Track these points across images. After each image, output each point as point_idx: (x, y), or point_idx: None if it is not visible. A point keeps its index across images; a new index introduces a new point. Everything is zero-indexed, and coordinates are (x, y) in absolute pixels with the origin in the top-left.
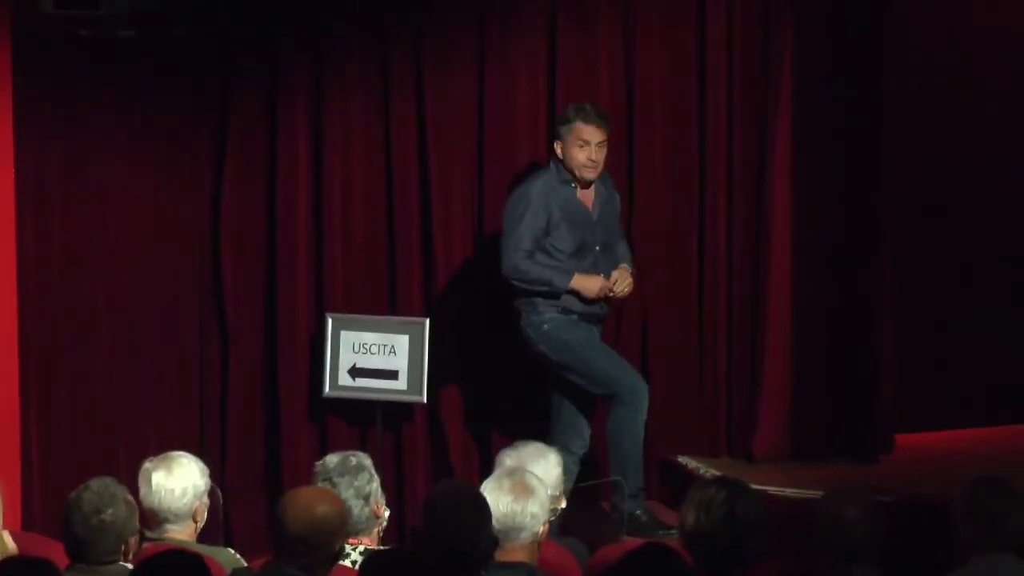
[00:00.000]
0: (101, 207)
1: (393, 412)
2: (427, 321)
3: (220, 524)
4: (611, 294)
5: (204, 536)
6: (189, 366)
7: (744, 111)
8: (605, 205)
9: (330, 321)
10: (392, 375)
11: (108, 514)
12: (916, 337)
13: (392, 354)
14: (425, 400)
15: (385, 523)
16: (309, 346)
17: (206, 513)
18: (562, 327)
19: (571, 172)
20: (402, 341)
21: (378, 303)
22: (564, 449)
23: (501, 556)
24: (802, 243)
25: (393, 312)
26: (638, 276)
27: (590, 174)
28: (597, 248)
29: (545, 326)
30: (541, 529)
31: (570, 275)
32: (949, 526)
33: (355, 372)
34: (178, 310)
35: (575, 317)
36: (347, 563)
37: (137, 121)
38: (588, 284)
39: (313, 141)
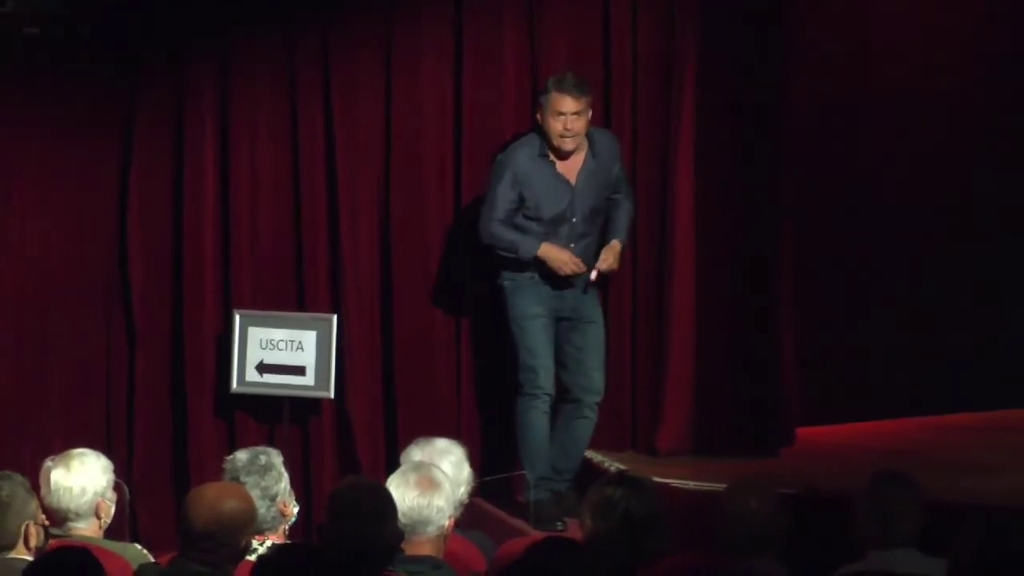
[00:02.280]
0: (7, 205)
1: (300, 408)
2: (335, 317)
3: (127, 520)
4: (590, 275)
5: (111, 532)
6: (96, 363)
7: (648, 112)
8: (592, 175)
9: (237, 317)
10: (299, 371)
11: (4, 491)
12: (816, 333)
13: (299, 350)
14: (332, 396)
15: (293, 519)
16: (216, 342)
17: (112, 509)
18: (517, 290)
19: (550, 143)
20: (309, 337)
21: (285, 299)
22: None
23: (408, 549)
24: (705, 242)
25: (300, 308)
26: (631, 243)
27: (568, 145)
28: (575, 219)
29: (506, 282)
30: (447, 523)
31: (539, 243)
32: (849, 519)
33: (262, 368)
34: (84, 307)
35: (536, 275)
36: (253, 558)
37: (43, 119)
38: (554, 255)
39: (220, 138)
